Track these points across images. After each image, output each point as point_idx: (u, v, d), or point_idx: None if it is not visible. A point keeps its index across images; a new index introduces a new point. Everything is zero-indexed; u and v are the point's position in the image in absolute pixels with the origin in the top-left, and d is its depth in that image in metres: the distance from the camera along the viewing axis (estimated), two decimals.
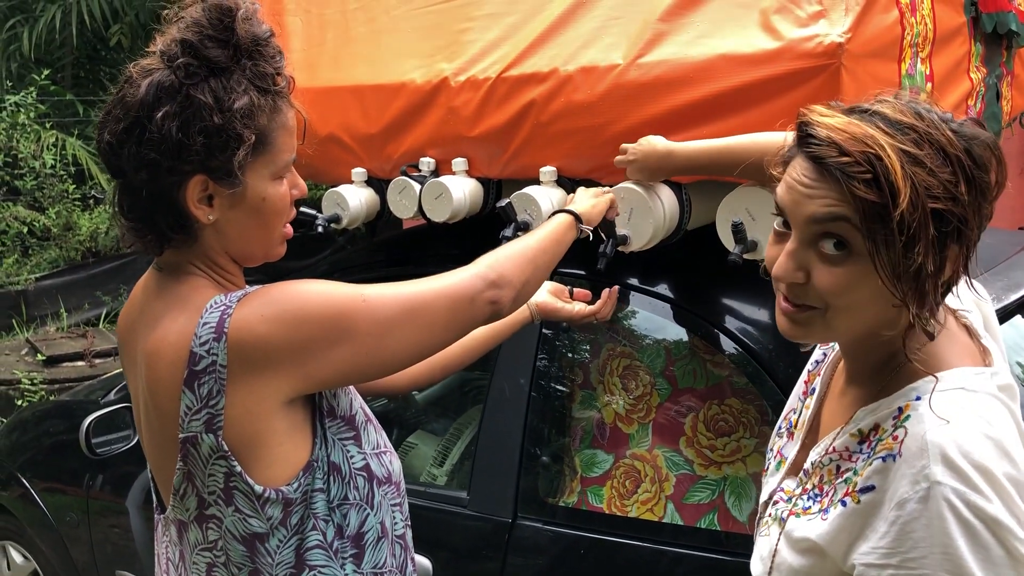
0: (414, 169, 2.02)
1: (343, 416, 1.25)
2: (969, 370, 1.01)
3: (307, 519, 1.20)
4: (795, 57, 1.58)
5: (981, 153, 0.98)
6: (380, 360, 1.23)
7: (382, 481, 1.28)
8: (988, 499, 0.91)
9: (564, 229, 1.52)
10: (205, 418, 1.13)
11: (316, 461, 1.20)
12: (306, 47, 2.29)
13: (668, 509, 1.81)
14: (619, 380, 1.93)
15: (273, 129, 1.18)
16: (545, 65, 1.86)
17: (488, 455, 1.95)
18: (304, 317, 1.15)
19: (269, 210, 1.20)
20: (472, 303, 1.29)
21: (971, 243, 0.99)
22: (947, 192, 0.95)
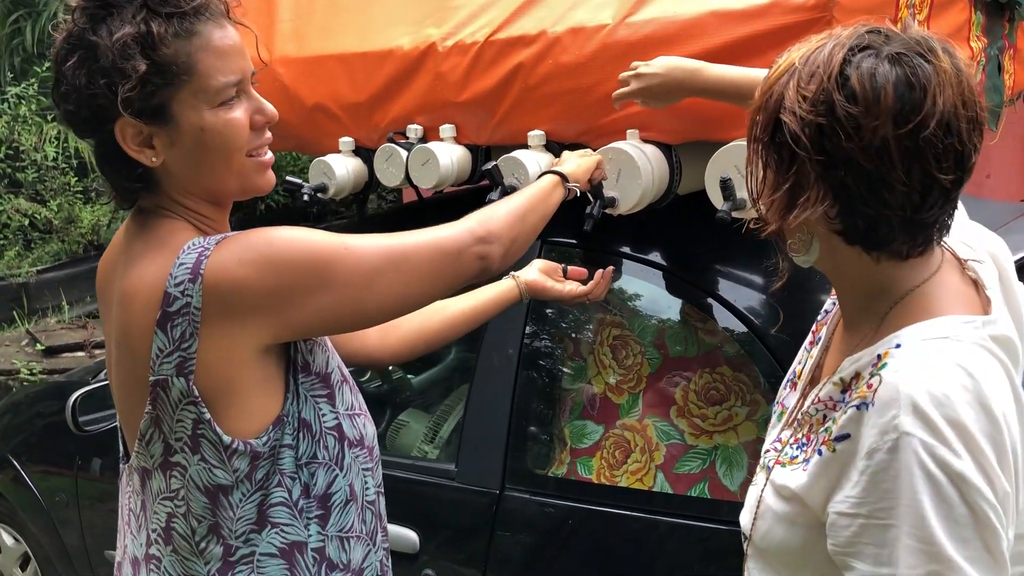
0: (401, 136, 1.99)
1: (318, 373, 1.21)
2: (957, 318, 0.98)
3: (273, 475, 1.16)
4: (786, 11, 1.54)
5: (857, 86, 0.92)
6: (361, 310, 1.20)
7: (353, 443, 1.25)
8: (957, 454, 0.88)
9: (551, 188, 1.50)
10: (177, 361, 1.10)
11: (286, 416, 1.17)
12: (295, 17, 2.26)
13: (658, 479, 1.77)
14: (609, 350, 1.89)
15: (190, 55, 1.10)
16: (533, 27, 1.82)
17: (476, 427, 1.91)
18: (284, 262, 1.12)
19: (214, 141, 1.13)
20: (459, 256, 1.26)
21: (828, 177, 0.95)
22: (796, 108, 0.95)
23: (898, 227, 0.97)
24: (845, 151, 0.93)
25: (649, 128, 1.71)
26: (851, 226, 0.98)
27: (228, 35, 1.15)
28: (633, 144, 1.68)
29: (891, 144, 0.92)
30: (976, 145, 0.96)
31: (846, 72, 0.94)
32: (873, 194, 0.95)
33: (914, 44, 0.95)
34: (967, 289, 1.04)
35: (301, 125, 2.19)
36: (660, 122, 1.70)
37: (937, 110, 0.92)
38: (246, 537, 1.16)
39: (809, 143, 0.95)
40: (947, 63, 0.94)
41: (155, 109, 1.11)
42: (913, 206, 0.95)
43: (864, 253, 1.00)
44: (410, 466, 2.02)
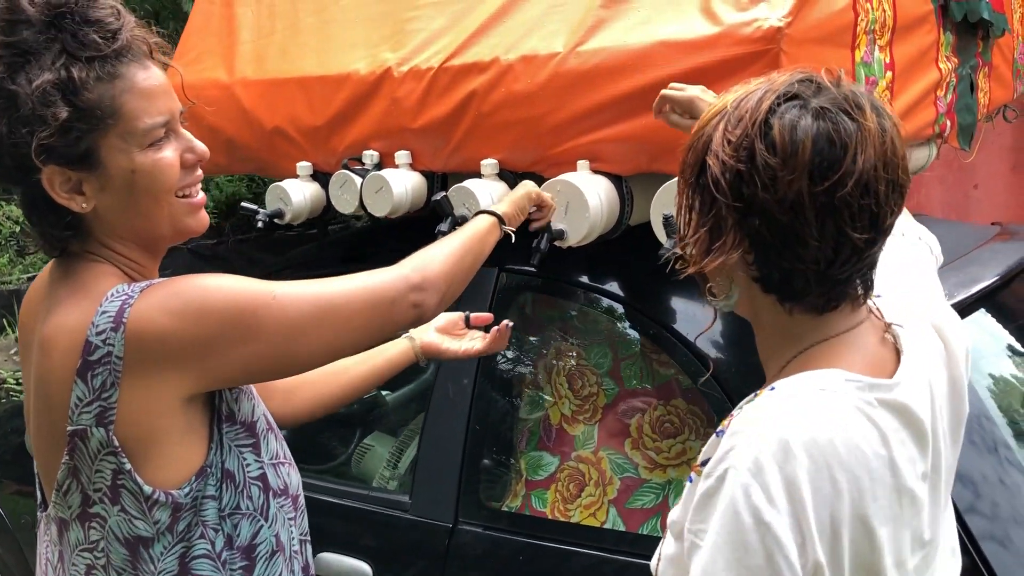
0: (356, 162, 1.97)
1: (243, 422, 1.19)
2: (843, 374, 0.96)
3: (195, 526, 1.14)
4: (733, 43, 1.51)
5: (777, 136, 0.92)
6: (289, 360, 1.18)
7: (278, 493, 1.22)
8: (774, 504, 0.87)
9: (488, 230, 1.47)
10: (96, 411, 1.07)
11: (210, 467, 1.15)
12: (256, 38, 2.23)
13: (611, 514, 1.74)
14: (566, 380, 1.87)
15: (114, 98, 1.08)
16: (487, 54, 1.80)
17: (430, 458, 1.89)
18: (208, 311, 1.10)
19: (145, 182, 1.11)
20: (392, 305, 1.23)
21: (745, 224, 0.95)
22: (720, 152, 0.95)
23: (813, 281, 0.96)
24: (761, 201, 0.93)
25: (600, 159, 1.69)
26: (767, 276, 0.98)
27: (152, 76, 1.13)
28: (582, 176, 1.66)
29: (805, 199, 0.91)
30: (894, 207, 0.94)
31: (770, 121, 0.93)
32: (787, 247, 0.94)
33: (842, 100, 0.94)
34: (879, 351, 1.02)
35: (260, 148, 2.16)
36: (611, 153, 1.67)
37: (856, 169, 0.91)
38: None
39: (728, 188, 0.95)
40: (873, 122, 0.93)
41: (82, 155, 1.09)
42: (826, 261, 0.94)
43: (778, 303, 1.00)
44: (365, 496, 2.00)
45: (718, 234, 0.97)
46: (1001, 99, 2.85)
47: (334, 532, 1.98)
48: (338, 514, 2.00)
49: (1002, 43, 2.75)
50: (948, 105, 2.30)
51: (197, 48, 2.33)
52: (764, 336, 1.06)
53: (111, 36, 1.08)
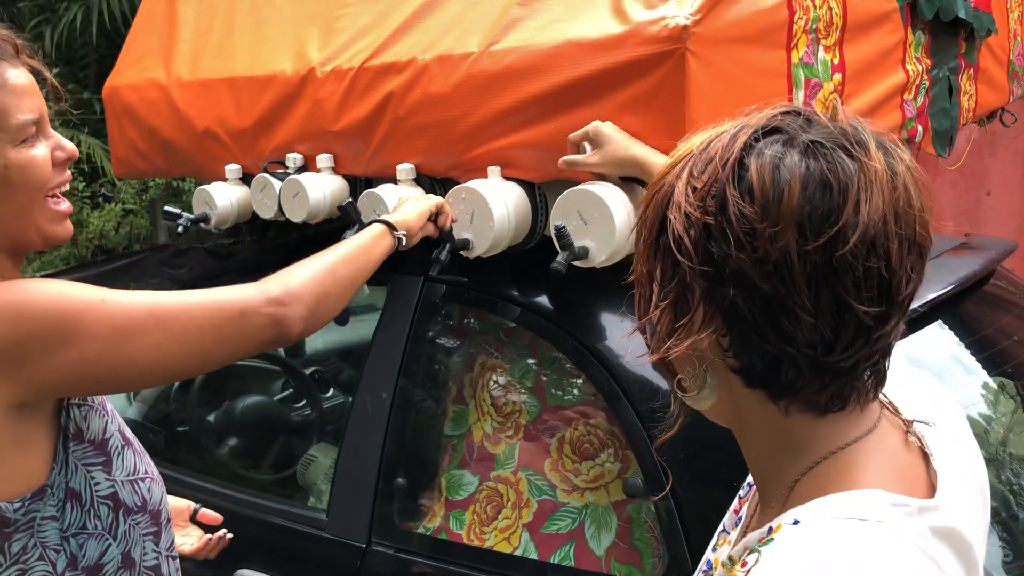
0: (277, 166, 1.90)
1: (92, 440, 1.15)
2: (884, 496, 0.73)
3: (32, 548, 1.09)
4: (640, 42, 1.42)
5: (755, 179, 0.71)
6: (117, 368, 1.12)
7: (132, 510, 1.18)
8: None
9: (375, 239, 1.42)
10: None
11: (51, 487, 1.10)
12: (194, 37, 2.18)
13: (523, 539, 1.65)
14: (489, 396, 1.78)
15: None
16: (405, 54, 1.72)
17: (347, 475, 1.81)
18: (24, 315, 1.05)
19: (19, 178, 1.10)
20: (243, 317, 1.18)
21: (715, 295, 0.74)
22: (680, 198, 0.75)
23: (807, 370, 0.73)
24: (736, 263, 0.72)
25: (512, 165, 1.60)
26: (748, 364, 0.75)
27: (20, 75, 1.13)
28: (490, 183, 1.57)
29: (794, 260, 0.70)
30: (911, 272, 0.73)
31: (745, 161, 0.73)
32: (771, 325, 0.72)
33: (839, 134, 0.73)
34: (909, 458, 0.79)
35: (193, 150, 2.11)
36: (522, 159, 1.58)
37: (860, 222, 0.70)
38: None
39: (693, 248, 0.74)
40: (880, 163, 0.72)
41: None
42: (824, 344, 0.72)
43: (769, 401, 0.77)
44: (285, 512, 1.93)
45: (684, 309, 0.76)
46: (992, 103, 2.70)
47: (255, 547, 1.91)
48: (261, 529, 1.93)
49: (994, 44, 2.61)
50: (919, 109, 2.18)
51: (140, 47, 2.28)
52: (754, 446, 0.82)
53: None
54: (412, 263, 1.76)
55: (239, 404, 2.56)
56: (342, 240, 1.62)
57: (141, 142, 2.22)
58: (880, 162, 0.72)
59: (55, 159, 1.15)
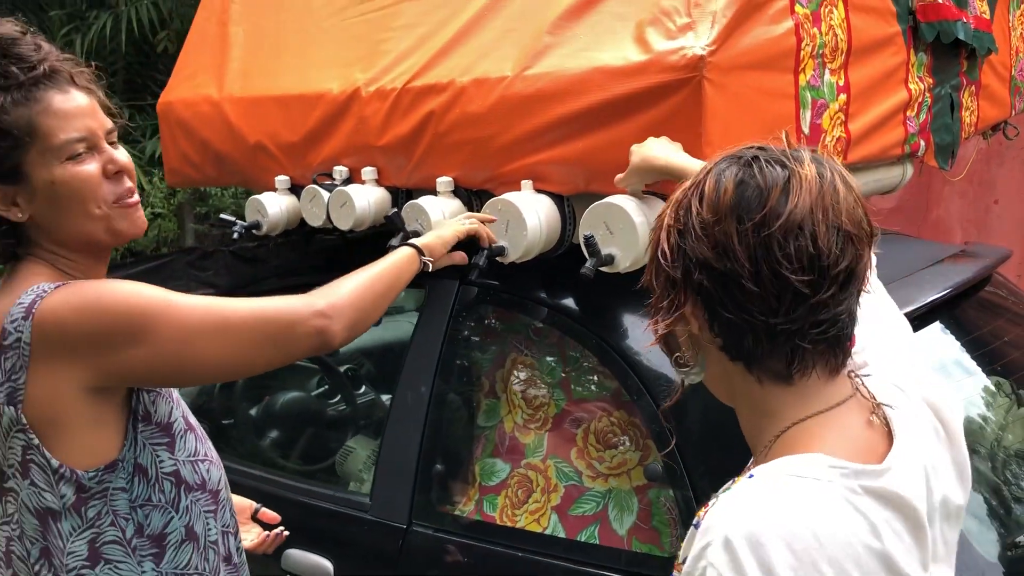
0: (325, 177, 2.06)
1: (159, 423, 1.31)
2: (826, 459, 0.91)
3: (105, 515, 1.25)
4: (660, 70, 1.57)
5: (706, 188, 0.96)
6: (182, 367, 1.28)
7: (192, 487, 1.33)
8: None
9: (406, 262, 1.58)
10: (7, 391, 1.20)
11: (122, 461, 1.26)
12: (244, 56, 2.34)
13: (552, 520, 1.80)
14: (519, 390, 1.94)
15: (30, 119, 1.22)
16: (444, 76, 1.88)
17: (389, 462, 1.97)
18: (104, 310, 1.21)
19: (66, 191, 1.24)
20: (292, 328, 1.33)
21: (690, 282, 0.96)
22: (664, 216, 0.99)
23: (762, 335, 0.93)
24: (698, 251, 0.94)
25: (543, 179, 1.75)
26: (724, 336, 0.96)
27: (71, 99, 1.27)
28: (522, 195, 1.73)
29: (734, 240, 0.92)
30: (840, 253, 0.92)
31: (704, 179, 0.97)
32: (728, 295, 0.93)
33: (779, 154, 0.96)
34: (866, 433, 0.97)
35: (244, 162, 2.27)
36: (552, 173, 1.74)
37: (785, 211, 0.91)
38: (77, 572, 1.24)
39: (670, 251, 0.98)
40: (810, 171, 0.93)
41: (9, 171, 1.24)
42: (771, 310, 0.92)
43: (747, 372, 0.98)
44: (331, 496, 2.09)
45: (678, 303, 0.98)
46: (994, 117, 2.84)
47: (302, 529, 2.07)
48: (307, 511, 2.09)
49: (995, 61, 2.74)
50: (921, 125, 2.32)
51: (192, 65, 2.45)
52: (744, 415, 1.03)
53: (29, 68, 1.23)
54: (448, 268, 1.92)
55: (279, 399, 2.73)
56: (388, 246, 1.79)
57: (194, 153, 2.39)
58: (810, 170, 0.93)
59: (106, 172, 1.28)
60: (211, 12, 2.49)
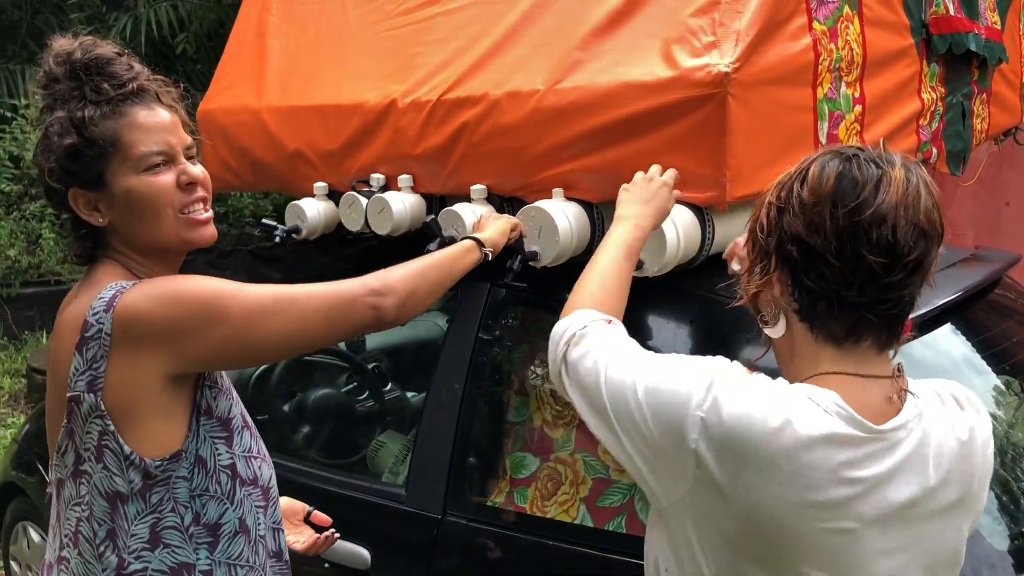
0: (364, 184, 2.16)
1: (219, 417, 1.40)
2: (835, 397, 1.08)
3: (167, 501, 1.35)
4: (686, 86, 1.66)
5: (809, 175, 1.11)
6: (252, 345, 1.37)
7: (246, 481, 1.43)
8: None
9: (463, 252, 1.67)
10: (88, 379, 1.29)
11: (185, 452, 1.36)
12: (283, 67, 2.45)
13: (581, 511, 1.90)
14: (547, 386, 2.03)
15: (116, 131, 1.33)
16: (478, 89, 1.97)
17: (424, 455, 2.07)
18: (180, 299, 1.31)
19: (142, 200, 1.34)
20: (351, 303, 1.43)
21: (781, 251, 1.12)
22: (766, 194, 1.15)
23: (835, 304, 1.10)
24: (793, 226, 1.10)
25: (573, 187, 1.85)
26: (801, 302, 1.13)
27: (155, 115, 1.38)
28: (554, 203, 1.82)
29: (827, 221, 1.08)
30: (914, 245, 1.07)
31: (808, 167, 1.13)
32: (811, 266, 1.10)
33: (875, 155, 1.11)
34: (883, 407, 1.11)
35: (283, 168, 2.38)
36: (583, 182, 1.83)
37: (875, 203, 1.07)
38: (138, 554, 1.34)
39: (769, 222, 1.14)
40: (899, 174, 1.08)
41: (94, 178, 1.35)
42: (845, 283, 1.08)
43: (809, 332, 1.14)
44: (367, 488, 2.19)
45: (767, 269, 1.15)
46: (1005, 123, 2.92)
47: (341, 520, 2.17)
48: (345, 503, 2.19)
49: (1006, 70, 2.83)
50: (934, 133, 2.41)
51: (232, 75, 2.56)
52: (788, 360, 1.19)
53: (120, 85, 1.35)
54: (479, 270, 2.01)
55: (311, 396, 2.83)
56: (426, 250, 1.88)
57: (232, 160, 2.50)
58: (900, 173, 1.08)
59: (179, 182, 1.38)
60: (249, 24, 2.59)
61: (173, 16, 8.66)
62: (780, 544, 1.07)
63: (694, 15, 1.71)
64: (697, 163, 1.66)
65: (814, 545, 1.07)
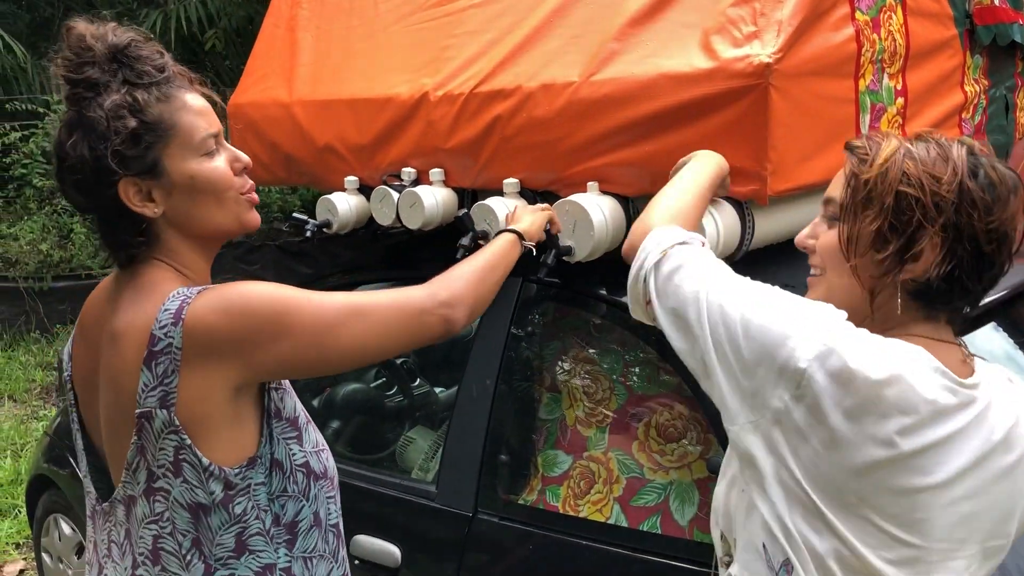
0: (394, 179, 2.14)
1: (288, 418, 1.38)
2: (925, 353, 1.12)
3: (251, 510, 1.33)
4: (727, 77, 1.62)
5: (995, 177, 1.13)
6: (323, 356, 1.34)
7: (319, 476, 1.41)
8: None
9: (510, 246, 1.65)
10: (160, 395, 1.26)
11: (260, 457, 1.33)
12: (313, 61, 2.43)
13: (615, 510, 1.87)
14: (581, 384, 2.00)
15: (171, 113, 1.30)
16: (511, 82, 1.95)
17: (455, 452, 2.05)
18: (250, 311, 1.28)
19: (203, 185, 1.31)
20: (420, 315, 1.40)
21: (951, 249, 1.13)
22: (926, 183, 1.11)
23: (961, 293, 1.16)
24: (972, 228, 1.12)
25: (608, 181, 1.82)
26: (929, 287, 1.15)
27: (197, 99, 1.36)
28: (589, 197, 1.79)
29: (1009, 232, 1.13)
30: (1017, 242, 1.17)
31: (975, 165, 1.14)
32: (976, 270, 1.14)
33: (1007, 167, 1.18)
34: (955, 364, 1.15)
35: (313, 163, 2.36)
36: (618, 176, 1.80)
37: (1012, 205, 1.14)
38: (224, 562, 1.32)
39: (941, 214, 1.12)
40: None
41: (151, 165, 1.30)
42: (977, 276, 1.15)
43: (911, 305, 1.18)
44: (398, 484, 2.17)
45: (911, 252, 1.14)
46: None
47: (370, 516, 2.16)
48: (375, 500, 2.18)
49: None
50: (976, 126, 2.35)
51: (262, 69, 2.54)
52: (868, 320, 1.19)
53: (160, 68, 1.31)
54: None
55: (340, 391, 2.82)
56: (458, 245, 1.86)
57: (263, 154, 2.48)
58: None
59: (234, 169, 1.36)
60: (279, 18, 2.57)
61: (202, 12, 8.70)
62: (850, 487, 1.10)
63: (734, 5, 1.67)
64: (737, 156, 1.62)
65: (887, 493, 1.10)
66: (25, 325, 6.85)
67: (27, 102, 7.58)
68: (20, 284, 6.84)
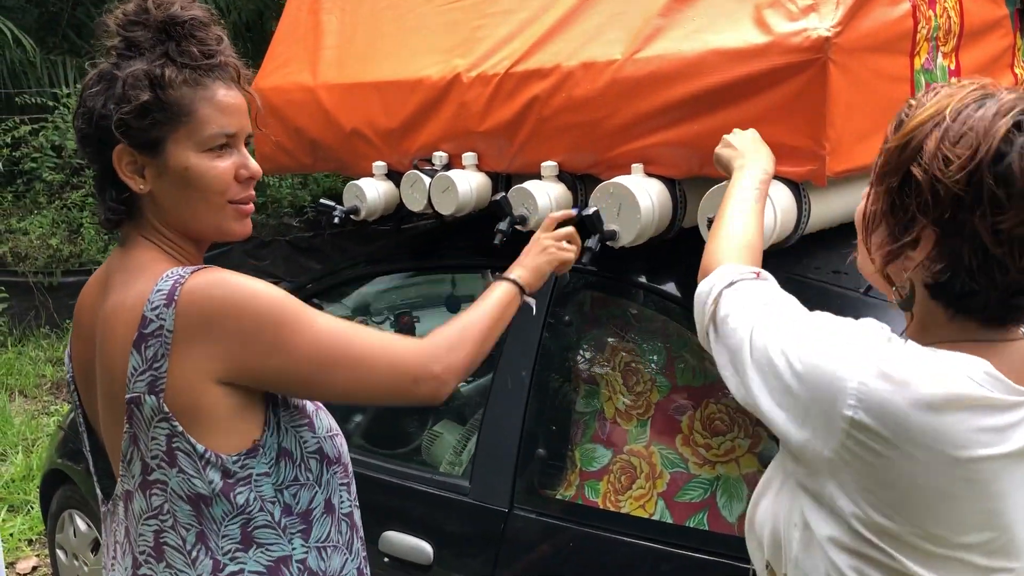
0: (426, 163, 2.07)
1: (296, 405, 1.32)
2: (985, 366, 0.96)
3: (254, 501, 1.26)
4: (783, 52, 1.55)
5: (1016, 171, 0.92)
6: (308, 389, 1.29)
7: (332, 461, 1.35)
8: None
9: (510, 302, 1.50)
10: (148, 380, 1.20)
11: (263, 447, 1.27)
12: (338, 44, 2.36)
13: (659, 506, 1.80)
14: (620, 376, 1.93)
15: (193, 100, 1.24)
16: (549, 61, 1.87)
17: (489, 446, 1.98)
18: (253, 311, 1.21)
19: (194, 180, 1.26)
20: (413, 383, 1.30)
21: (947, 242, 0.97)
22: (934, 168, 0.95)
23: (995, 303, 0.98)
24: (974, 226, 0.94)
25: (654, 162, 1.74)
26: (946, 287, 1.00)
27: (232, 95, 1.29)
28: (635, 179, 1.72)
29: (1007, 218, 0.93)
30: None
31: (1004, 150, 0.93)
32: (984, 272, 0.96)
33: None
34: (1020, 366, 1.01)
35: (340, 148, 2.29)
36: (664, 157, 1.73)
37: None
38: (232, 555, 1.26)
39: (938, 206, 0.96)
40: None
41: (152, 142, 1.25)
42: (1020, 289, 0.96)
43: (942, 307, 1.03)
44: (429, 480, 2.10)
45: (911, 243, 1.00)
46: None
47: (400, 512, 2.09)
48: (404, 496, 2.11)
49: None
50: None
51: (285, 53, 2.47)
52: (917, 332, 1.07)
53: (207, 55, 1.26)
54: None
55: None
56: (496, 230, 1.79)
57: (287, 140, 2.41)
58: None
59: (238, 175, 1.29)
60: (302, 1, 2.50)
61: (212, 6, 8.68)
62: (918, 505, 0.97)
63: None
64: (794, 135, 1.55)
65: (960, 503, 0.97)
66: (35, 320, 6.80)
67: (36, 96, 7.53)
68: (30, 279, 6.79)
